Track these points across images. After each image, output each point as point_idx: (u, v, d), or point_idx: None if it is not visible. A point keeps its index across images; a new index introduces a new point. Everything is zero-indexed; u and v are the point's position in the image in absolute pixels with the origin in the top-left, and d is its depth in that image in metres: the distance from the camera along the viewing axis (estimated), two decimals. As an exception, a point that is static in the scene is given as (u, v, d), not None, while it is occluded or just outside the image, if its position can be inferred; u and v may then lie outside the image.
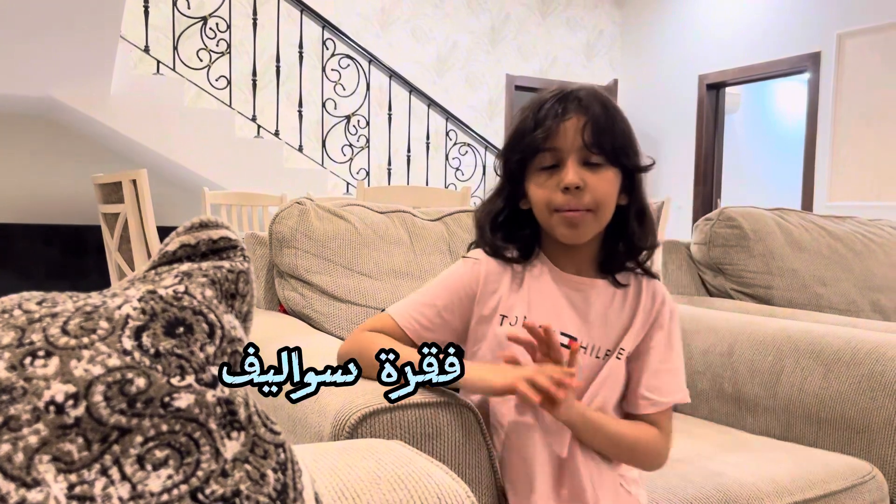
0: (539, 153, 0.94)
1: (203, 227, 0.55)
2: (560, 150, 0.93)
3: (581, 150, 0.92)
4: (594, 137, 0.92)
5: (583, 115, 0.92)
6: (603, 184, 0.93)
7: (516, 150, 0.96)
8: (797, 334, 1.49)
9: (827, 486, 1.19)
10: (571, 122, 0.92)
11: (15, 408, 0.41)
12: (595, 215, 0.94)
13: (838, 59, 5.28)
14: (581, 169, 0.92)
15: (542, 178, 0.94)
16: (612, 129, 0.94)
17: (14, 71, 3.66)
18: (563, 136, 0.92)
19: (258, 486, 0.45)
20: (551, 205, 0.94)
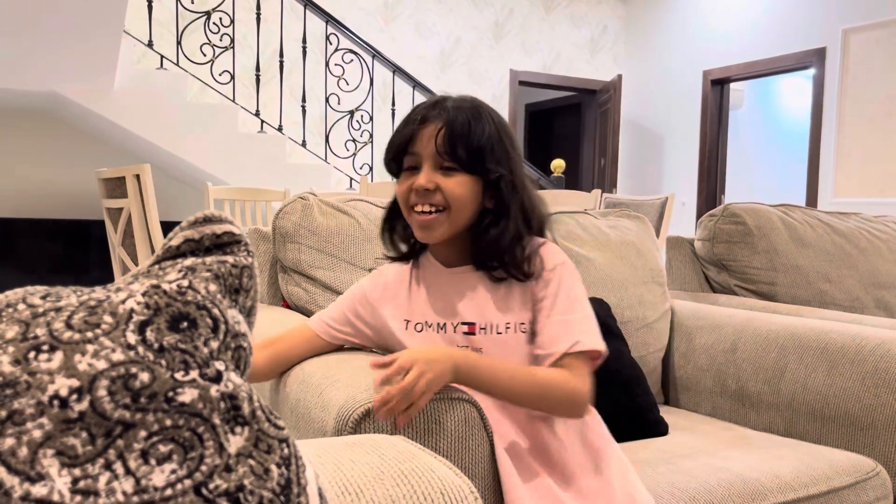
0: (405, 156, 1.01)
1: (207, 221, 0.55)
2: (418, 155, 1.00)
3: (435, 155, 0.99)
4: (446, 144, 0.98)
5: (440, 122, 0.98)
6: (455, 187, 0.99)
7: (387, 151, 1.04)
8: (801, 331, 1.49)
9: (831, 482, 1.19)
10: (429, 128, 0.99)
11: (19, 402, 0.41)
12: (447, 215, 1.00)
13: (843, 54, 5.26)
14: (435, 172, 0.99)
15: (403, 178, 1.03)
16: (468, 137, 0.98)
17: (18, 66, 3.66)
18: (421, 141, 0.99)
19: (262, 480, 0.45)
20: (407, 203, 1.02)
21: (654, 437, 1.38)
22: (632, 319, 1.60)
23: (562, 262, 1.05)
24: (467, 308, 1.04)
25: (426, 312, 1.07)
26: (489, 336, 1.03)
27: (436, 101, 1.02)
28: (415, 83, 5.05)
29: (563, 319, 1.01)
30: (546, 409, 1.00)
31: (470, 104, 1.01)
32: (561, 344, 0.99)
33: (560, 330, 1.00)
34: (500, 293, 1.05)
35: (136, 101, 4.07)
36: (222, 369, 0.47)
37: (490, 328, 1.03)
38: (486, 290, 1.05)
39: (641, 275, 1.67)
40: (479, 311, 1.04)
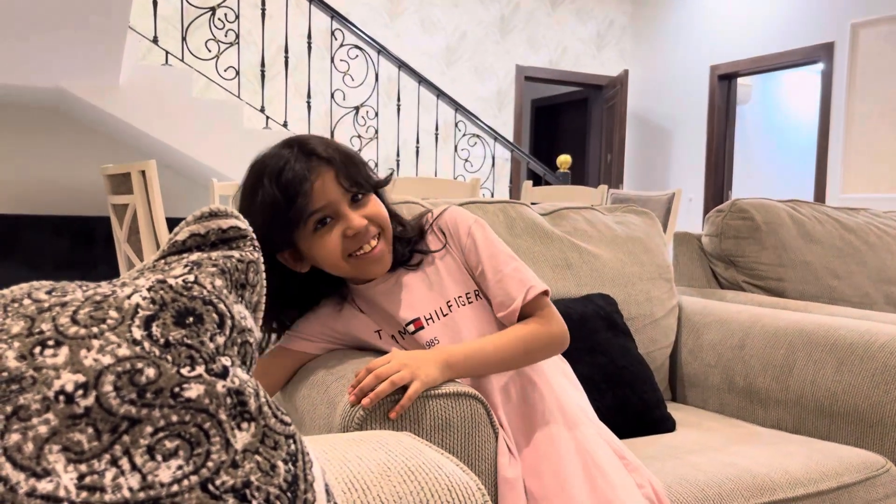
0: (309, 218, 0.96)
1: (213, 216, 0.54)
2: (327, 206, 0.97)
3: (343, 195, 0.98)
4: (347, 179, 0.98)
5: (325, 166, 0.97)
6: (376, 207, 1.01)
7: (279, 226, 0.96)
8: (810, 327, 1.48)
9: (840, 478, 1.18)
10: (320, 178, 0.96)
11: (24, 397, 0.40)
12: (386, 237, 1.02)
13: (852, 49, 5.23)
14: (354, 209, 0.99)
15: (319, 236, 0.98)
16: (355, 164, 1.00)
17: (23, 62, 3.67)
18: (323, 193, 0.96)
19: (268, 477, 0.45)
20: (345, 252, 0.99)
21: (662, 433, 1.38)
22: (639, 316, 1.60)
23: (473, 220, 1.08)
24: (407, 307, 1.05)
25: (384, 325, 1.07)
26: (438, 322, 1.04)
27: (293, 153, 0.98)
28: (420, 79, 5.04)
29: (505, 274, 1.04)
30: (535, 360, 1.04)
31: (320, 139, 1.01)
32: (517, 297, 1.02)
33: (509, 284, 1.04)
34: (426, 279, 1.07)
35: (141, 97, 4.07)
36: (228, 365, 0.47)
37: (435, 315, 1.05)
38: (415, 283, 1.07)
39: (649, 271, 1.66)
40: (418, 305, 1.05)
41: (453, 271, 1.07)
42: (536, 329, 1.02)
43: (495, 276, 1.04)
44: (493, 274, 1.04)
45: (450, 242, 1.08)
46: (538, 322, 1.03)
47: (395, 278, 1.07)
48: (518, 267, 1.06)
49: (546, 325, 1.03)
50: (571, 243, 1.58)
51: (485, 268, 1.05)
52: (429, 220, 1.09)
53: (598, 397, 1.29)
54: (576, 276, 1.53)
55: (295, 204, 0.95)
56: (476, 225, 1.07)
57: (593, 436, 1.01)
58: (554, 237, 1.57)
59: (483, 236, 1.07)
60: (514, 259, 1.07)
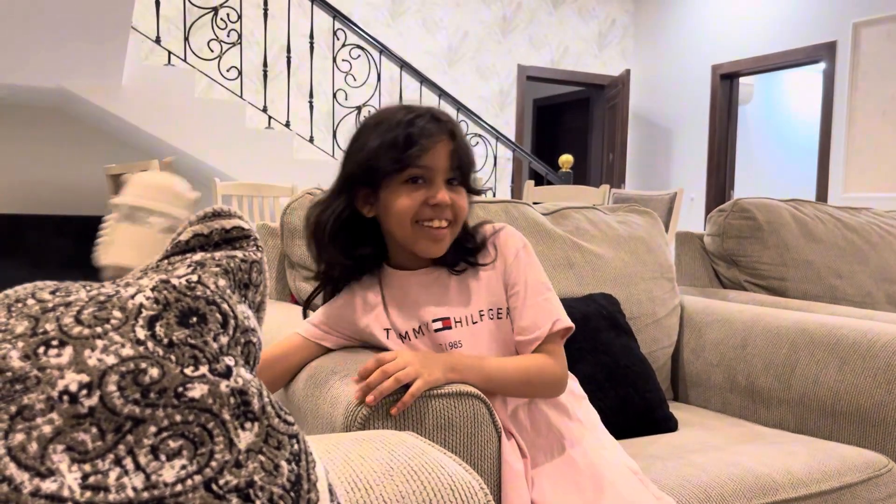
0: (410, 168, 1.00)
1: (216, 216, 0.54)
2: (430, 170, 1.01)
3: (447, 171, 1.02)
4: (459, 161, 1.02)
5: (451, 139, 1.02)
6: (462, 201, 1.04)
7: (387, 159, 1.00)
8: (812, 326, 1.48)
9: (843, 478, 1.18)
10: (443, 144, 1.01)
11: (29, 397, 0.40)
12: (452, 229, 1.04)
13: (854, 48, 5.22)
14: (446, 187, 1.02)
15: (406, 190, 1.01)
16: (469, 154, 1.04)
17: (26, 62, 3.67)
18: (435, 156, 1.00)
19: (272, 476, 0.45)
20: (416, 216, 1.01)
21: (664, 433, 1.38)
22: (641, 315, 1.60)
23: (523, 245, 1.10)
24: (440, 304, 1.07)
25: (404, 319, 1.08)
26: (466, 327, 1.06)
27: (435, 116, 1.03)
28: (422, 78, 5.04)
29: (538, 302, 1.06)
30: (531, 395, 1.05)
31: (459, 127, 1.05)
32: (544, 326, 1.04)
33: (538, 313, 1.05)
34: (465, 284, 1.09)
35: (143, 97, 4.08)
36: (232, 364, 0.47)
37: (465, 320, 1.06)
38: (453, 285, 1.08)
39: (651, 270, 1.66)
40: (452, 306, 1.07)
41: (492, 285, 1.08)
42: (543, 363, 1.03)
43: (527, 301, 1.06)
44: (526, 298, 1.06)
45: (497, 259, 1.10)
46: (546, 358, 1.04)
47: (435, 274, 1.09)
48: (550, 298, 1.07)
49: (553, 364, 1.04)
50: (573, 243, 1.58)
51: (520, 290, 1.07)
52: (487, 235, 1.11)
53: (601, 397, 1.29)
54: (578, 275, 1.53)
55: (410, 150, 0.99)
56: (524, 249, 1.10)
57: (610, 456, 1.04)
58: (556, 237, 1.57)
59: (527, 261, 1.09)
60: (549, 290, 1.08)
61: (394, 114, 1.03)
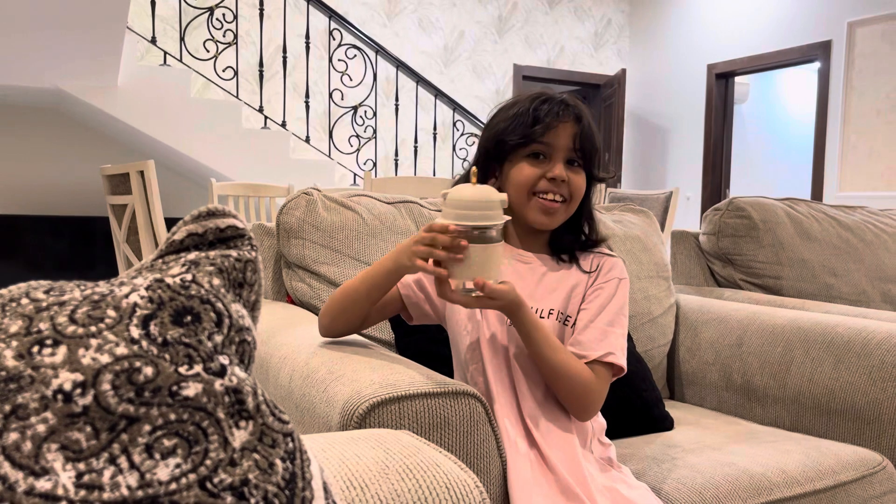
0: (534, 143, 1.07)
1: (210, 215, 0.54)
2: (551, 147, 1.07)
3: (569, 151, 1.08)
4: (581, 144, 1.08)
5: (576, 123, 1.08)
6: (579, 181, 1.09)
7: (514, 134, 1.08)
8: (807, 325, 1.48)
9: (837, 476, 1.18)
10: (567, 125, 1.07)
11: (23, 396, 0.40)
12: (567, 206, 1.09)
13: (849, 47, 5.24)
14: (565, 166, 1.08)
15: (527, 162, 1.08)
16: (593, 140, 1.10)
17: (21, 63, 3.66)
18: (558, 135, 1.07)
19: (266, 475, 0.45)
20: (533, 188, 1.07)
21: (660, 431, 1.38)
22: (637, 314, 1.60)
23: (625, 277, 1.13)
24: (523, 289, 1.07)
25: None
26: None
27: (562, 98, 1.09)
28: (418, 78, 5.04)
29: (605, 328, 1.07)
30: (562, 392, 1.05)
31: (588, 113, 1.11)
32: (596, 350, 1.05)
33: (599, 337, 1.06)
34: (554, 281, 1.11)
35: (139, 97, 4.07)
36: (226, 363, 0.47)
37: (535, 311, 1.08)
38: (545, 278, 1.11)
39: (646, 269, 1.66)
40: (531, 293, 1.09)
41: (576, 292, 1.11)
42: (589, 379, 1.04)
43: (596, 323, 1.07)
44: (596, 320, 1.07)
45: (593, 273, 1.12)
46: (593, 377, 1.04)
47: (538, 263, 1.12)
48: (618, 333, 1.08)
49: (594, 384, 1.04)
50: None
51: (594, 310, 1.08)
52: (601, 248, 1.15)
53: (596, 396, 1.29)
54: (574, 274, 1.54)
55: (536, 126, 1.06)
56: (622, 282, 1.12)
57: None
58: (552, 236, 1.57)
59: (618, 294, 1.10)
60: (622, 327, 1.09)
61: (528, 97, 1.10)
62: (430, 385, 0.92)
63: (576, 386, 1.03)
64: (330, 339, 1.14)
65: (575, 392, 1.03)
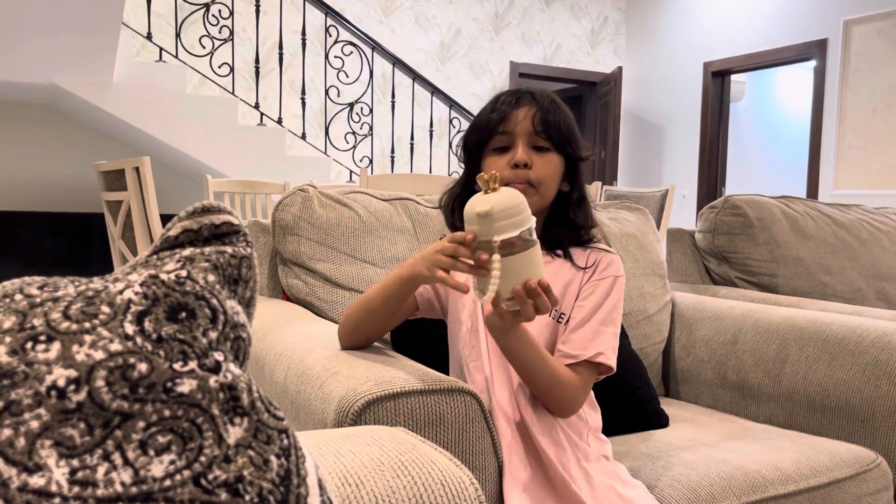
0: (494, 136, 1.06)
1: (205, 211, 0.54)
2: (512, 134, 1.06)
3: (530, 134, 1.05)
4: (542, 124, 1.05)
5: (533, 105, 1.06)
6: (547, 165, 1.06)
7: (474, 132, 1.09)
8: (802, 322, 1.49)
9: (831, 473, 1.19)
10: (523, 110, 1.06)
11: (16, 392, 0.40)
12: (538, 191, 1.06)
13: (845, 46, 5.25)
14: (529, 151, 1.05)
15: (494, 157, 1.07)
16: (558, 120, 1.06)
17: (16, 59, 3.65)
18: (515, 121, 1.05)
19: (261, 471, 0.45)
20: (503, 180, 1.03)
21: (655, 429, 1.38)
22: (632, 312, 1.60)
23: (621, 274, 1.11)
24: None
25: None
26: None
27: (518, 89, 1.09)
28: (415, 75, 5.04)
29: (597, 327, 1.06)
30: (545, 399, 1.04)
31: (547, 91, 1.10)
32: (587, 350, 1.04)
33: (591, 336, 1.05)
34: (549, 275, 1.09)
35: (135, 93, 4.06)
36: (221, 360, 0.47)
37: None
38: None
39: (642, 267, 1.67)
40: None
41: (571, 289, 1.09)
42: (576, 388, 1.03)
43: (589, 323, 1.06)
44: (590, 319, 1.06)
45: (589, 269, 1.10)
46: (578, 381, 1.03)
47: None
48: (611, 333, 1.07)
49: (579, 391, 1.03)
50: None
51: (589, 308, 1.07)
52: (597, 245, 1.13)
53: (593, 393, 1.29)
54: (569, 272, 1.54)
55: (488, 116, 1.06)
56: (618, 280, 1.10)
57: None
58: (548, 233, 1.57)
59: (613, 292, 1.09)
60: (615, 327, 1.08)
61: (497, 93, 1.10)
62: (425, 382, 0.92)
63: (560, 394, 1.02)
64: (325, 336, 1.14)
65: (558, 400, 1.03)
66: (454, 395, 0.93)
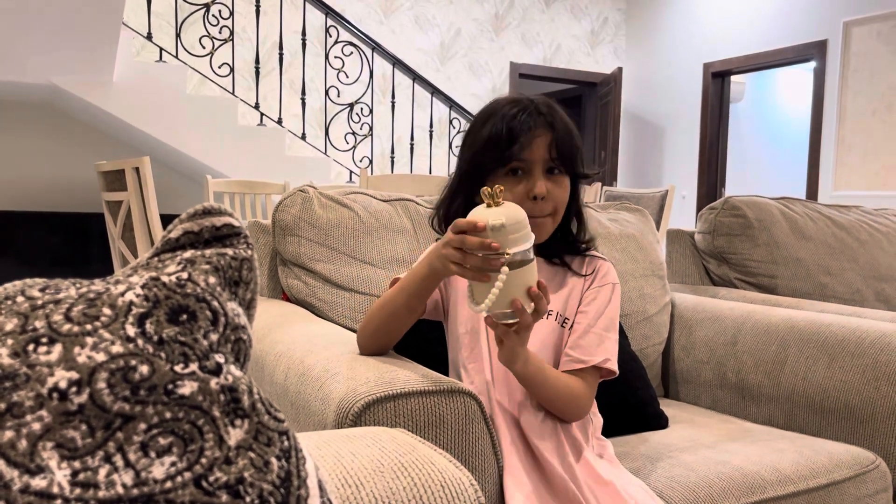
0: (511, 163, 1.05)
1: (206, 214, 0.54)
2: (529, 162, 1.05)
3: (546, 161, 1.05)
4: (558, 153, 1.05)
5: (549, 131, 1.05)
6: (562, 191, 1.07)
7: (488, 153, 1.06)
8: (801, 323, 1.49)
9: (830, 475, 1.19)
10: (541, 138, 1.04)
11: (18, 394, 0.40)
12: (553, 219, 1.08)
13: (844, 47, 5.25)
14: (544, 178, 1.05)
15: (508, 180, 1.05)
16: (571, 143, 1.07)
17: (16, 58, 3.65)
18: (533, 150, 1.04)
19: (262, 473, 0.45)
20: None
21: (655, 430, 1.38)
22: (632, 313, 1.60)
23: (617, 282, 1.14)
24: None
25: None
26: None
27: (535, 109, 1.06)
28: (415, 76, 5.04)
29: (602, 334, 1.09)
30: (559, 411, 1.06)
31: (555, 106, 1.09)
32: (595, 356, 1.07)
33: (597, 342, 1.08)
34: (552, 284, 1.11)
35: (135, 93, 4.06)
36: (222, 362, 0.47)
37: None
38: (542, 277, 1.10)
39: (642, 268, 1.67)
40: None
41: (573, 295, 1.11)
42: (580, 392, 1.05)
43: (594, 328, 1.09)
44: (595, 325, 1.09)
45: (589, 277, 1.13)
46: (584, 388, 1.06)
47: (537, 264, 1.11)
48: (613, 339, 1.10)
49: (586, 397, 1.06)
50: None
51: (593, 314, 1.10)
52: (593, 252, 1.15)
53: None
54: (569, 273, 1.54)
55: (512, 147, 1.04)
56: (616, 287, 1.13)
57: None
58: (547, 234, 1.57)
59: (613, 298, 1.12)
60: (615, 331, 1.11)
61: (495, 114, 1.07)
62: (425, 383, 0.92)
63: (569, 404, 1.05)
64: (325, 337, 1.14)
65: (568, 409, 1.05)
66: (454, 396, 0.93)
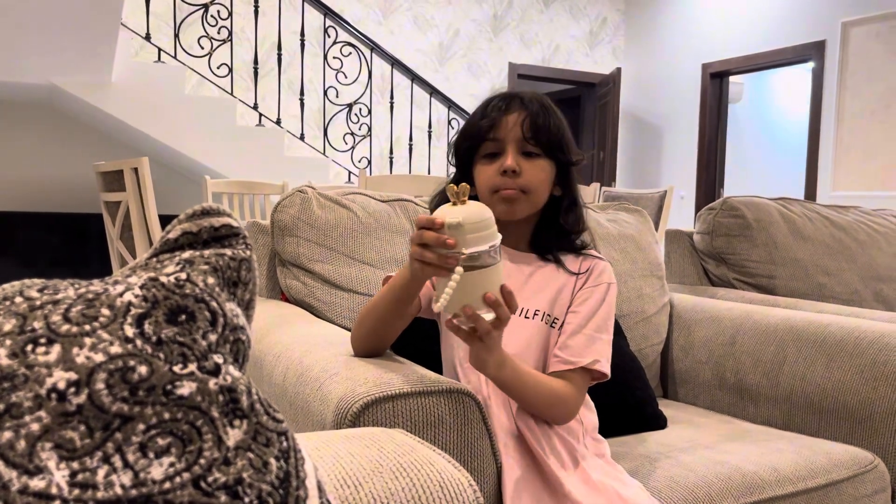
0: (484, 142, 1.06)
1: (205, 214, 0.54)
2: (502, 141, 1.05)
3: (520, 140, 1.04)
4: (531, 131, 1.04)
5: (523, 110, 1.05)
6: (537, 171, 1.05)
7: (465, 138, 1.08)
8: (800, 324, 1.49)
9: (829, 475, 1.19)
10: (513, 115, 1.05)
11: (16, 395, 0.40)
12: (528, 197, 1.05)
13: (843, 47, 5.25)
14: (519, 157, 1.05)
15: (485, 164, 1.07)
16: (548, 125, 1.05)
17: (15, 59, 3.65)
18: (505, 127, 1.05)
19: (261, 474, 0.45)
20: (493, 187, 1.05)
21: (653, 430, 1.38)
22: (630, 313, 1.60)
23: (613, 282, 1.12)
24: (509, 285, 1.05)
25: None
26: (515, 318, 1.03)
27: (508, 94, 1.08)
28: (413, 76, 5.04)
29: (593, 335, 1.06)
30: (536, 413, 1.04)
31: (538, 95, 1.09)
32: (584, 357, 1.04)
33: (587, 343, 1.05)
34: (542, 282, 1.10)
35: (133, 94, 4.06)
36: (221, 362, 0.47)
37: (521, 311, 1.07)
38: (532, 278, 1.09)
39: (640, 268, 1.67)
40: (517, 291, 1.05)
41: (563, 293, 1.09)
42: (567, 395, 1.03)
43: (585, 329, 1.06)
44: (586, 326, 1.06)
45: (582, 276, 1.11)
46: (572, 390, 1.03)
47: (522, 264, 1.10)
48: (605, 340, 1.07)
49: (574, 399, 1.04)
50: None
51: (584, 314, 1.07)
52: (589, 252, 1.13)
53: (591, 394, 1.29)
54: (568, 273, 1.54)
55: (478, 123, 1.06)
56: (611, 287, 1.10)
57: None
58: (546, 235, 1.57)
59: (607, 299, 1.09)
60: (608, 334, 1.08)
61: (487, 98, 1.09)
62: (424, 384, 0.92)
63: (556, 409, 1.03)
64: (323, 337, 1.14)
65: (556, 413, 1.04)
66: (453, 396, 0.93)
